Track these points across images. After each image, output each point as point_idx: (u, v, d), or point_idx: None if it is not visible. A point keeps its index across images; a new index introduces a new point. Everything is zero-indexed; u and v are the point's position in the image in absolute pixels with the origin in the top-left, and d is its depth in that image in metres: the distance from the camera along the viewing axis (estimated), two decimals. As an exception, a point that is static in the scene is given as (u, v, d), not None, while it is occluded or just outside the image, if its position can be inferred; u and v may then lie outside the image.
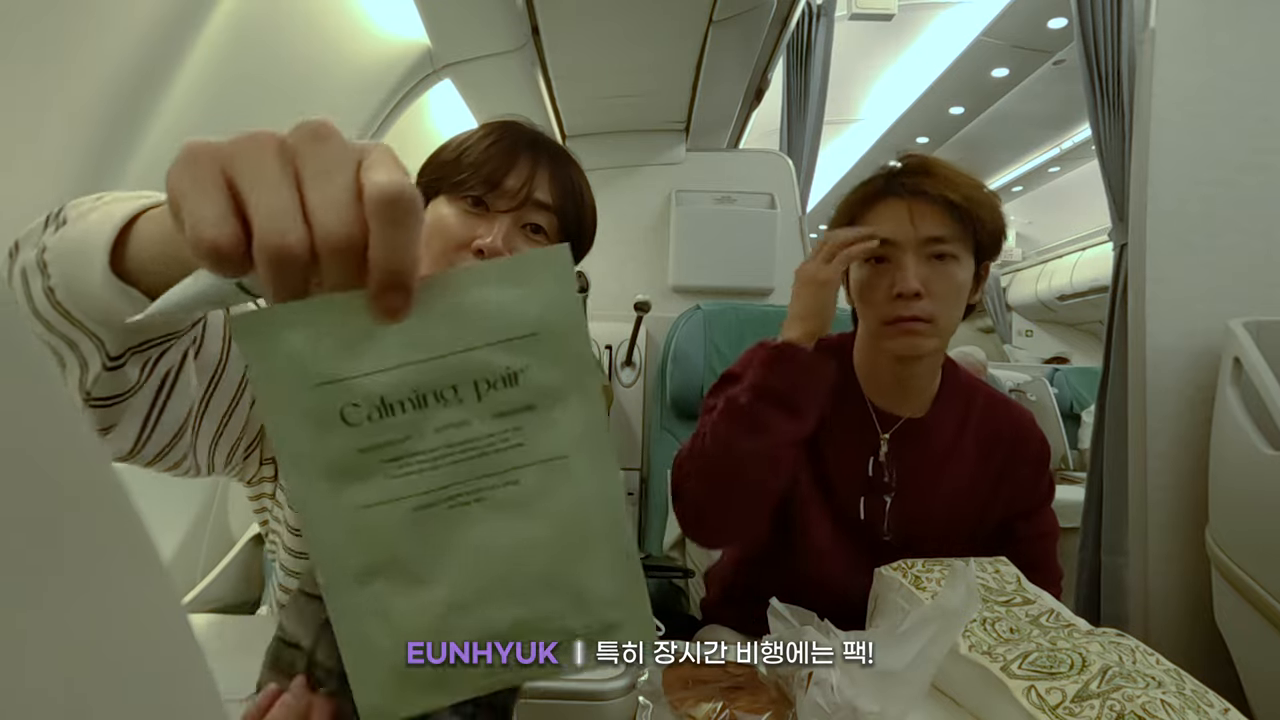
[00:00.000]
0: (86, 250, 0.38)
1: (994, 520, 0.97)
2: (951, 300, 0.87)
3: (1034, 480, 0.98)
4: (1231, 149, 1.58)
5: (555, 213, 0.70)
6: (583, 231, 0.74)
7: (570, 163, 0.73)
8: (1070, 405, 3.51)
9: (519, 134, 0.71)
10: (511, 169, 0.68)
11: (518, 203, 0.68)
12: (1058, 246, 5.87)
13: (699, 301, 1.54)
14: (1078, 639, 0.66)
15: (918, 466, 0.92)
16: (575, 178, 0.73)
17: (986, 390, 1.01)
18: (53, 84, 0.72)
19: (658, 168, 2.02)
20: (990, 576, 0.80)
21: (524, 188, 0.68)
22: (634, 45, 1.45)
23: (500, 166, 0.68)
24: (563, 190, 0.70)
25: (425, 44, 1.31)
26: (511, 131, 0.71)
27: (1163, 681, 0.59)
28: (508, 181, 0.68)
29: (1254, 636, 1.29)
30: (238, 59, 0.93)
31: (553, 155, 0.71)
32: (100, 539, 0.15)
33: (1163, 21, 1.58)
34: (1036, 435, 0.99)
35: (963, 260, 0.87)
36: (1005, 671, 0.61)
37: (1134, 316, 1.63)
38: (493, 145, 0.69)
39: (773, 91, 2.14)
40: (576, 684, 0.67)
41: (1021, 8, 3.31)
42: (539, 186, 0.69)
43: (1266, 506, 1.26)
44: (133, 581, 0.16)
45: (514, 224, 0.68)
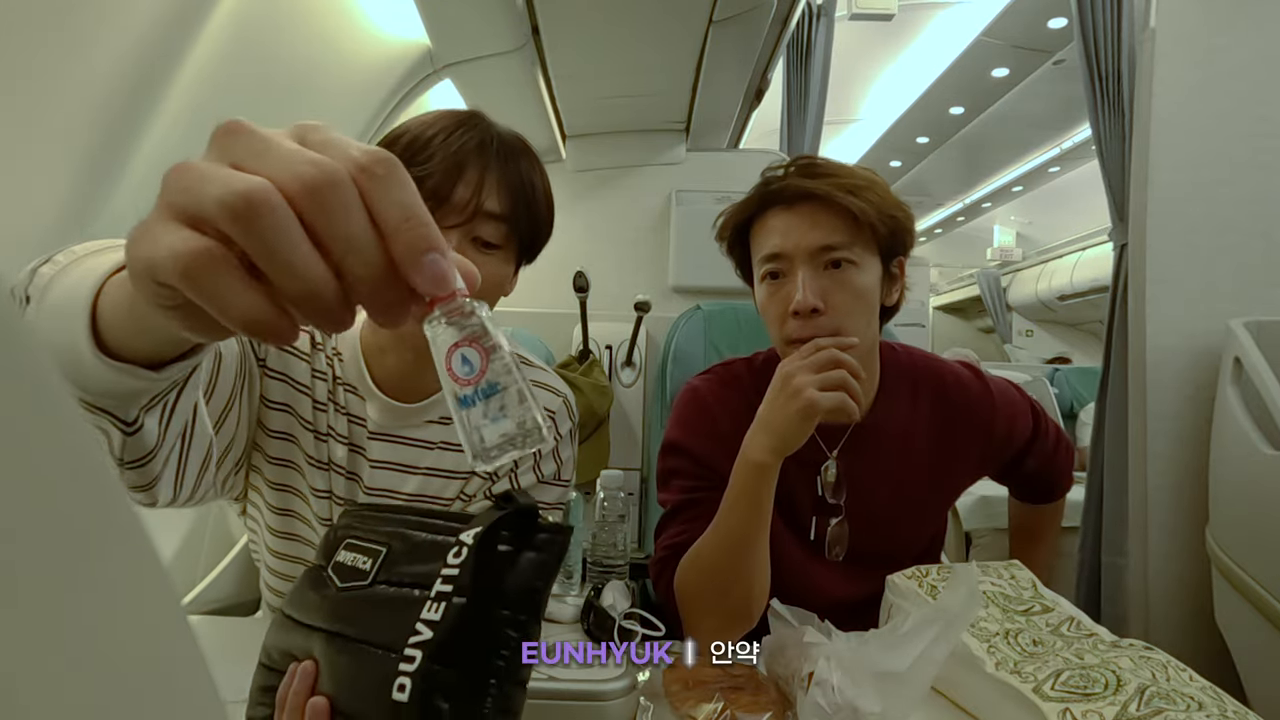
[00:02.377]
0: (72, 335, 0.36)
1: (969, 482, 0.97)
2: (856, 310, 0.81)
3: (1007, 431, 0.96)
4: (1231, 149, 1.58)
5: (506, 220, 0.68)
6: (536, 231, 0.72)
7: (520, 155, 0.70)
8: (1070, 405, 3.51)
9: (466, 136, 0.67)
10: (459, 179, 0.66)
11: (466, 216, 0.66)
12: (1058, 246, 5.87)
13: (699, 301, 1.54)
14: (1105, 653, 0.64)
15: (870, 474, 0.89)
16: (525, 172, 0.70)
17: (929, 363, 0.97)
18: (52, 84, 0.72)
19: (658, 168, 2.02)
20: (1007, 584, 0.79)
21: (472, 200, 0.66)
22: (634, 45, 1.45)
23: (446, 180, 0.65)
24: (513, 195, 0.68)
25: (425, 44, 1.31)
26: (458, 134, 0.67)
27: (1204, 703, 0.56)
28: (455, 194, 0.65)
29: (1254, 636, 1.29)
30: (238, 59, 0.93)
31: (502, 155, 0.68)
32: (100, 539, 0.15)
33: (1163, 21, 1.58)
34: (982, 394, 0.95)
35: (864, 264, 0.81)
36: (1038, 693, 0.59)
37: (1134, 316, 1.63)
38: (439, 153, 0.66)
39: (773, 91, 2.14)
40: (577, 684, 0.67)
41: (1021, 8, 3.31)
42: (488, 196, 0.66)
43: (1266, 506, 1.26)
44: (133, 582, 0.16)
45: (464, 237, 0.66)
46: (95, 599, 0.14)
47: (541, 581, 0.43)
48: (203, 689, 0.17)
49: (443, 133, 0.66)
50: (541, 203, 0.72)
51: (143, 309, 0.32)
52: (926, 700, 0.68)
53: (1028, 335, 6.51)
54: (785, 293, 0.81)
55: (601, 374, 1.79)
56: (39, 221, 0.73)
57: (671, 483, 0.89)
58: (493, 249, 0.68)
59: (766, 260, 0.84)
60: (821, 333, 0.79)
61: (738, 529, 0.77)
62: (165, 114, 0.83)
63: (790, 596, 0.79)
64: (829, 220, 0.80)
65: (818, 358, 0.74)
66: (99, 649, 0.14)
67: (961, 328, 8.04)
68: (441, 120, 0.67)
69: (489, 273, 0.68)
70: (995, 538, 2.36)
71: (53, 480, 0.14)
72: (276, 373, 0.71)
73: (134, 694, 0.15)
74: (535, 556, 0.42)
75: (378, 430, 0.74)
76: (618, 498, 0.95)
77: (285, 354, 0.71)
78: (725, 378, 0.95)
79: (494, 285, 0.70)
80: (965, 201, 6.57)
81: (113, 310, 0.36)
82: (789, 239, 0.81)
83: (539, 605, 0.43)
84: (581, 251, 2.01)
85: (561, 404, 0.81)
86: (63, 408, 0.14)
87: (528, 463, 0.77)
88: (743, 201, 0.88)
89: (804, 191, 0.81)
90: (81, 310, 0.36)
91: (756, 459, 0.76)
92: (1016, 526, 1.17)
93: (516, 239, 0.69)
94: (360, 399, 0.74)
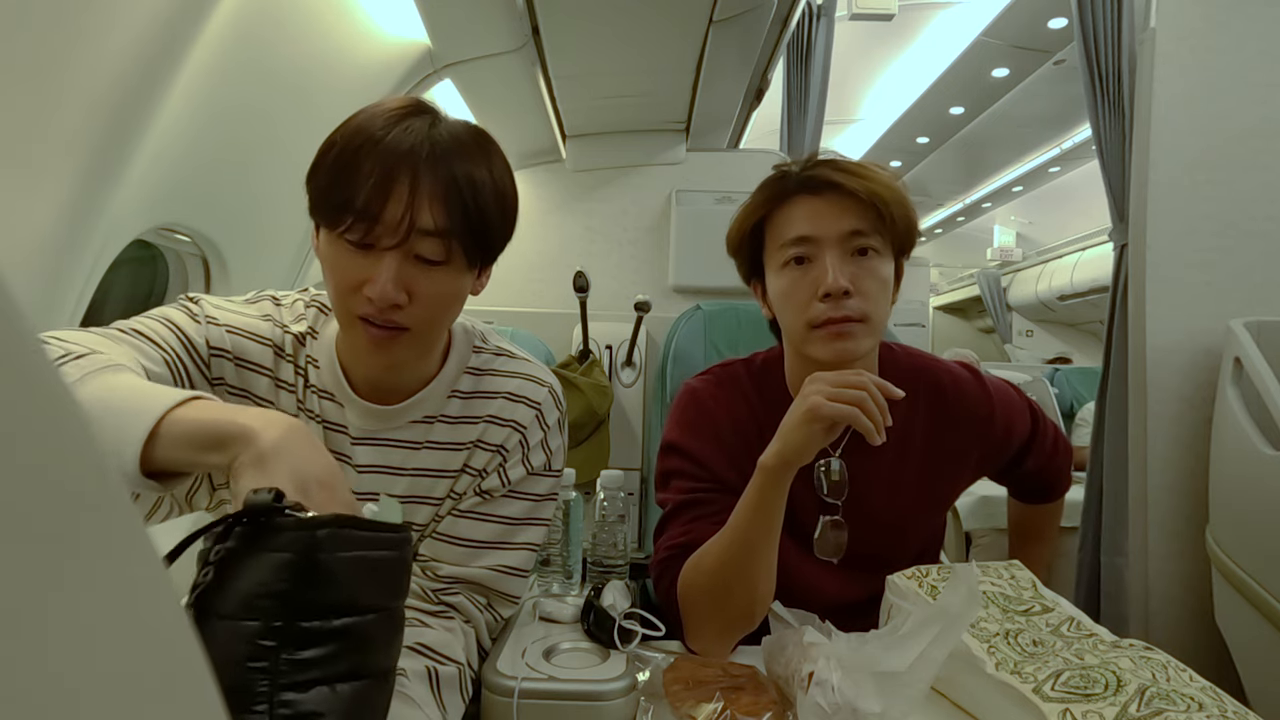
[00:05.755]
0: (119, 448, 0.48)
1: (967, 483, 0.97)
2: (880, 297, 0.82)
3: (1005, 431, 0.97)
4: (1231, 149, 1.58)
5: (443, 235, 0.63)
6: (487, 235, 0.66)
7: (457, 154, 0.63)
8: (1070, 405, 3.51)
9: (397, 139, 0.62)
10: (389, 197, 0.61)
11: (400, 237, 0.61)
12: (1058, 247, 5.87)
13: (699, 301, 1.54)
14: (1105, 653, 0.64)
15: (869, 475, 0.89)
16: (464, 175, 0.63)
17: (926, 363, 0.97)
18: (52, 83, 0.72)
19: (658, 168, 2.02)
20: (1007, 584, 0.79)
21: (404, 218, 0.61)
22: (634, 45, 1.45)
23: (375, 198, 0.60)
24: (449, 205, 0.62)
25: (425, 44, 1.31)
26: (391, 137, 0.61)
27: (1204, 703, 0.57)
28: (386, 214, 0.61)
29: (1254, 636, 1.29)
30: (238, 59, 0.93)
31: (433, 160, 0.62)
32: (100, 539, 0.15)
33: (1163, 21, 1.58)
34: (980, 395, 0.95)
35: (884, 255, 0.83)
36: (1038, 693, 0.59)
37: (1134, 316, 1.63)
38: (366, 163, 0.61)
39: (773, 91, 2.14)
40: (577, 684, 0.67)
41: (1021, 8, 3.31)
42: (420, 212, 0.61)
43: (1266, 506, 1.26)
44: (133, 581, 0.16)
45: (403, 257, 0.63)
46: (96, 599, 0.14)
47: (288, 583, 0.41)
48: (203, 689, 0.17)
49: (370, 142, 0.61)
50: (489, 202, 0.65)
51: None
52: (926, 700, 0.68)
53: (1028, 335, 6.51)
54: (813, 276, 0.81)
55: (601, 374, 1.79)
56: (39, 221, 0.73)
57: (670, 484, 0.89)
58: (437, 264, 0.64)
59: (793, 244, 0.83)
60: (851, 314, 0.80)
61: (743, 532, 0.77)
62: (165, 114, 0.82)
63: (790, 598, 0.79)
64: (856, 208, 0.81)
65: (845, 374, 0.74)
66: (99, 649, 0.14)
67: (961, 328, 8.05)
68: (374, 122, 0.62)
69: (437, 289, 0.65)
70: (995, 538, 2.36)
71: (53, 481, 0.14)
72: (238, 389, 0.70)
73: (134, 694, 0.15)
74: (275, 557, 0.42)
75: (361, 435, 0.74)
76: (618, 498, 0.95)
77: (244, 370, 0.70)
78: (723, 378, 0.95)
79: (446, 298, 0.67)
80: (965, 201, 6.57)
81: (165, 453, 0.49)
82: (818, 224, 0.82)
83: (299, 608, 0.42)
84: (581, 251, 2.01)
85: (547, 394, 0.79)
86: (64, 410, 0.14)
87: (515, 456, 0.76)
88: (761, 193, 0.87)
89: (831, 181, 0.82)
90: (136, 440, 0.48)
91: (762, 462, 0.76)
92: (1016, 526, 1.17)
93: (462, 249, 0.64)
94: (338, 405, 0.73)
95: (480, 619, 0.74)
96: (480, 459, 0.76)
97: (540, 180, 2.02)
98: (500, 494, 0.76)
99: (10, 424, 0.13)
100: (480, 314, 1.52)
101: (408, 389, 0.74)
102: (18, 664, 0.12)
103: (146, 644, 0.16)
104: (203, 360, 0.68)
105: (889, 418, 0.72)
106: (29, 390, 0.14)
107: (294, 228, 1.27)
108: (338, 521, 0.43)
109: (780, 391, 0.92)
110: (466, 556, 0.73)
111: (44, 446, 0.14)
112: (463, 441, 0.75)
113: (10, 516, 0.13)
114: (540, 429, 0.78)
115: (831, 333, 0.81)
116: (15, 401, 0.13)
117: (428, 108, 0.66)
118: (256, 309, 0.73)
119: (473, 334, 0.80)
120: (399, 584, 0.49)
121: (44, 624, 0.13)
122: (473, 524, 0.74)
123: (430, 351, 0.74)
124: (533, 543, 0.77)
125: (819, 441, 0.74)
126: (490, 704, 0.67)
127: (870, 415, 0.71)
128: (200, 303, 0.70)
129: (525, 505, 0.77)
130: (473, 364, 0.78)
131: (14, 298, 0.13)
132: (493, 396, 0.77)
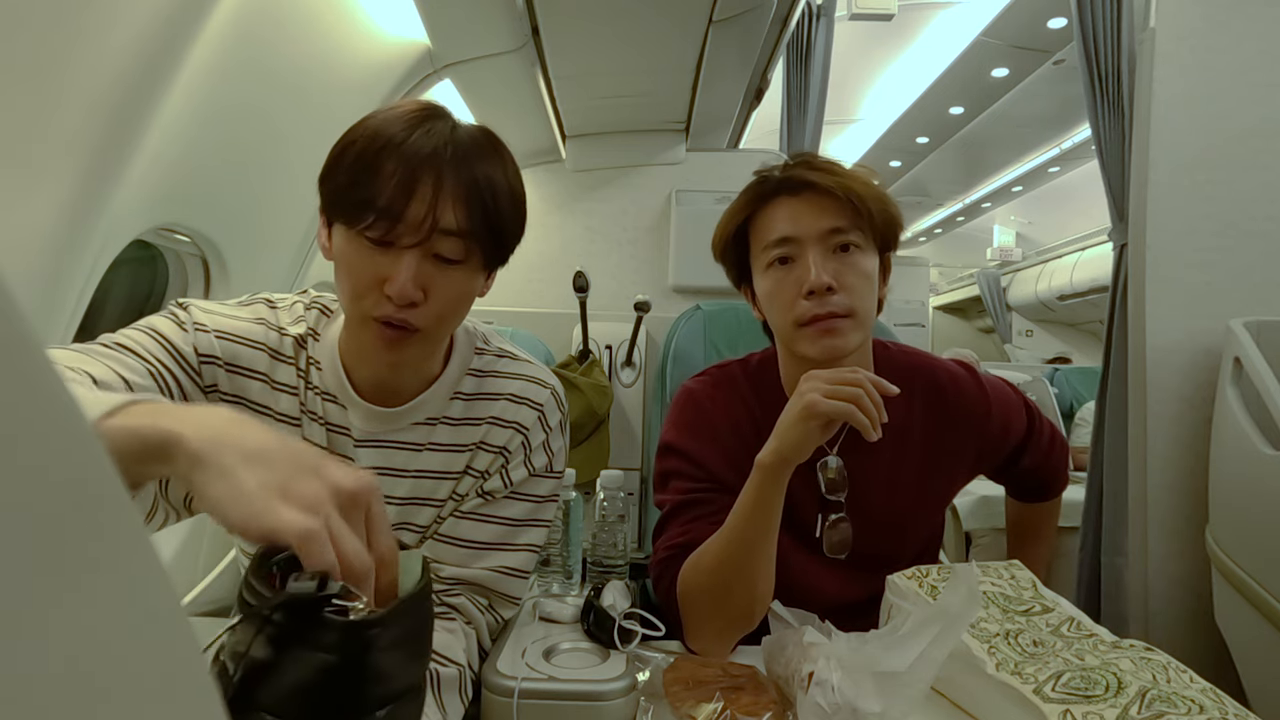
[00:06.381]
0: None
1: (964, 481, 0.98)
2: (865, 291, 0.83)
3: (1002, 429, 0.97)
4: (1231, 149, 1.58)
5: (464, 235, 0.64)
6: (502, 237, 0.68)
7: (477, 156, 0.65)
8: (1070, 405, 3.51)
9: (420, 142, 0.63)
10: (412, 196, 0.62)
11: (422, 236, 0.63)
12: (1058, 246, 5.88)
13: (699, 301, 1.54)
14: (1106, 654, 0.64)
15: (866, 473, 0.89)
16: (484, 176, 0.65)
17: (923, 362, 0.97)
18: (53, 83, 0.72)
19: (658, 168, 2.02)
20: (1007, 584, 0.79)
21: (427, 217, 0.62)
22: (634, 45, 1.45)
23: (399, 197, 0.62)
24: (470, 206, 0.64)
25: (425, 44, 1.31)
26: (413, 140, 0.63)
27: (1204, 705, 0.57)
28: (409, 213, 0.62)
29: (1254, 636, 1.29)
30: (238, 58, 0.93)
31: (456, 161, 0.64)
32: (100, 540, 0.15)
33: (1162, 21, 1.58)
34: (977, 393, 0.95)
35: (866, 250, 0.84)
36: (1039, 694, 0.59)
37: (1134, 316, 1.63)
38: (389, 164, 0.62)
39: (773, 91, 2.14)
40: (577, 684, 0.67)
41: (1021, 8, 3.32)
42: (444, 212, 0.63)
43: (1266, 506, 1.26)
44: (133, 582, 0.16)
45: (423, 256, 0.64)
46: (96, 599, 0.14)
47: (333, 685, 0.38)
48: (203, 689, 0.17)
49: (393, 143, 0.62)
50: (505, 204, 0.67)
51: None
52: (926, 700, 0.68)
53: (1027, 335, 6.51)
54: (796, 275, 0.83)
55: (601, 374, 1.79)
56: (39, 222, 0.73)
57: (669, 484, 0.89)
58: (454, 264, 0.66)
59: (775, 245, 0.85)
60: (836, 310, 0.81)
61: (741, 531, 0.77)
62: (165, 114, 0.82)
63: (790, 597, 0.79)
64: (834, 206, 0.83)
65: (841, 372, 0.74)
66: (99, 649, 0.14)
67: (961, 328, 8.05)
68: (394, 124, 0.63)
69: (453, 289, 0.66)
70: (995, 538, 2.35)
71: (54, 481, 0.14)
72: (232, 396, 0.70)
73: (134, 693, 0.15)
74: (320, 659, 0.38)
75: (365, 437, 0.74)
76: (618, 498, 0.95)
77: (237, 375, 0.70)
78: (719, 379, 0.95)
79: (460, 298, 0.68)
80: (965, 201, 6.58)
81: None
82: (799, 223, 0.83)
83: (339, 705, 0.39)
84: (581, 251, 2.01)
85: (549, 396, 0.79)
86: (64, 410, 0.14)
87: (518, 458, 0.76)
88: (743, 198, 0.89)
89: (807, 181, 0.83)
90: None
91: (760, 460, 0.77)
92: (1014, 526, 1.17)
93: (480, 250, 0.66)
94: (341, 408, 0.73)
95: (481, 620, 0.73)
96: (483, 460, 0.76)
97: (540, 180, 2.02)
98: (502, 495, 0.76)
99: (10, 424, 0.13)
100: (480, 314, 1.52)
101: (411, 391, 0.74)
102: (18, 664, 0.12)
103: (146, 644, 0.16)
104: (193, 368, 0.67)
105: (885, 414, 0.72)
106: (29, 390, 0.14)
107: (294, 228, 1.27)
108: (388, 616, 0.40)
109: (776, 391, 0.92)
110: (468, 558, 0.73)
111: (44, 446, 0.14)
112: (465, 443, 0.75)
113: (10, 516, 0.13)
114: (542, 431, 0.78)
115: (818, 329, 0.82)
116: (15, 402, 0.13)
117: (444, 111, 0.67)
118: (249, 312, 0.73)
119: (475, 336, 0.80)
120: (427, 645, 0.47)
121: (44, 624, 0.13)
122: (474, 525, 0.74)
123: (435, 353, 0.74)
124: (534, 544, 0.77)
125: (816, 438, 0.74)
126: (490, 704, 0.67)
127: (866, 411, 0.71)
128: (189, 309, 0.70)
129: (527, 506, 0.77)
130: (475, 366, 0.78)
131: (14, 298, 0.13)
132: (495, 398, 0.77)
